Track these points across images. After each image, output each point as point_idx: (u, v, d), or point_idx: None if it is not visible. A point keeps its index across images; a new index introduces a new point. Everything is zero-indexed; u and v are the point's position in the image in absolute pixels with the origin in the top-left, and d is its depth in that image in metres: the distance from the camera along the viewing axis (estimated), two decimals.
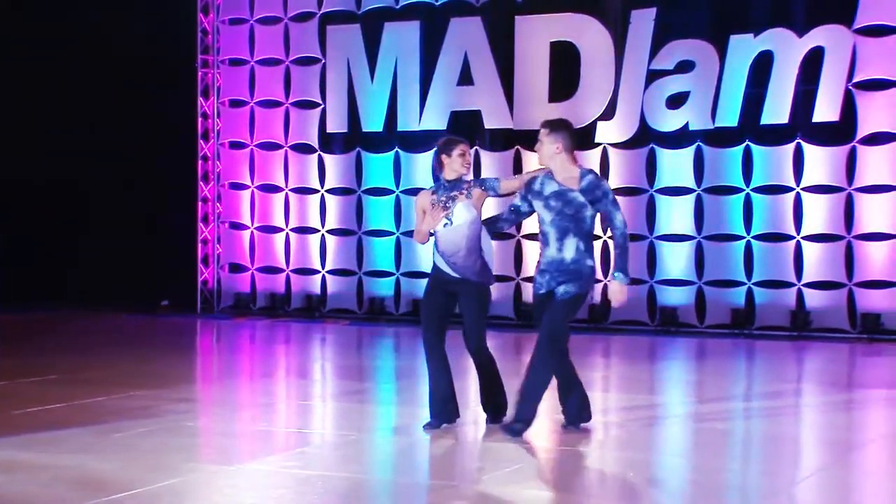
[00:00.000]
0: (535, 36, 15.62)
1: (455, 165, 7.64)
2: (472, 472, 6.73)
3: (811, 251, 14.26)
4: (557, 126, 7.47)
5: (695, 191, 14.83)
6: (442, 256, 7.68)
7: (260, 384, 10.47)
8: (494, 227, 7.82)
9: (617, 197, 7.62)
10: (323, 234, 16.98)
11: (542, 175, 7.47)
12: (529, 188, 7.49)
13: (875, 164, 13.97)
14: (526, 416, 7.35)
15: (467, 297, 7.61)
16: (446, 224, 7.65)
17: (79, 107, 17.83)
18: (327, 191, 16.93)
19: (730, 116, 14.58)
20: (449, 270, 7.63)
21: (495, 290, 15.18)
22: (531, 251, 15.20)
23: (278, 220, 17.24)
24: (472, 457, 7.14)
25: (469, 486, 6.25)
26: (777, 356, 12.75)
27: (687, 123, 14.84)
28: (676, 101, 14.89)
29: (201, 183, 17.62)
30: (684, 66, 14.82)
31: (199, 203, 17.65)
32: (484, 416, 7.83)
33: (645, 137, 15.09)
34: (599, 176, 7.58)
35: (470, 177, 7.83)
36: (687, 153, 14.88)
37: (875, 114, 13.89)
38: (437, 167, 7.75)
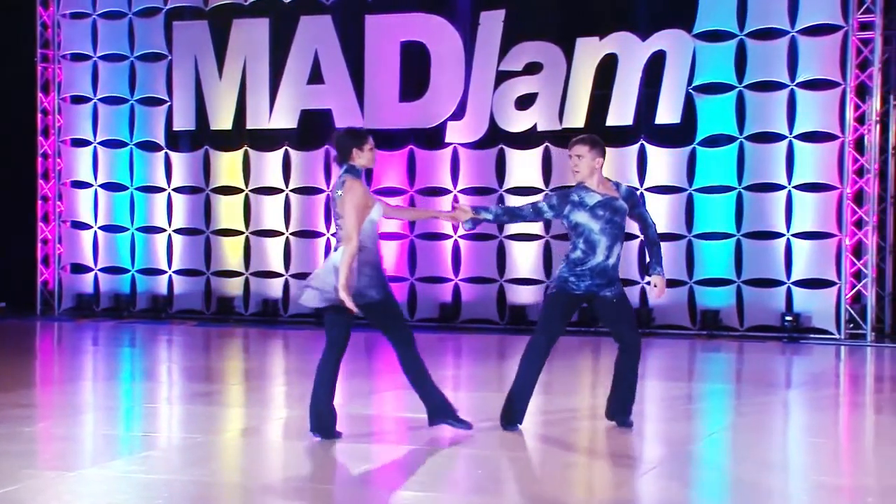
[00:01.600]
0: (386, 36, 15.63)
1: (368, 158, 7.26)
2: (322, 472, 6.67)
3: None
4: (597, 142, 7.79)
5: (543, 191, 15.04)
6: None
7: (103, 387, 10.19)
8: (514, 219, 8.20)
9: (468, 196, 7.74)
10: (170, 234, 16.65)
11: (577, 187, 7.69)
12: (567, 199, 7.64)
13: (713, 165, 14.41)
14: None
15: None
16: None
17: None
18: (174, 189, 16.61)
19: (576, 118, 14.84)
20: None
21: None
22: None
23: (123, 220, 16.83)
24: (322, 457, 7.07)
25: (318, 487, 6.19)
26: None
27: (535, 124, 15.05)
28: (525, 102, 15.09)
29: (41, 181, 17.08)
30: (532, 68, 15.04)
31: (39, 202, 17.11)
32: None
33: (494, 138, 15.26)
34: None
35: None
36: (535, 154, 15.09)
37: (713, 116, 14.33)
38: (347, 155, 7.19)
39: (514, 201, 15.19)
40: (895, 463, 6.74)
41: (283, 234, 16.23)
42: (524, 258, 15.26)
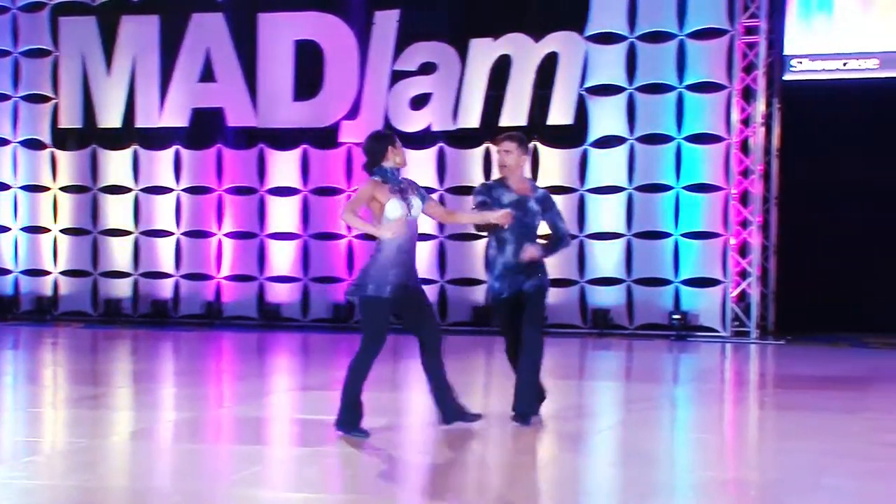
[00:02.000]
0: (279, 34, 15.50)
1: (402, 156, 7.41)
2: (212, 475, 6.58)
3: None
4: (524, 140, 7.82)
5: (437, 190, 15.08)
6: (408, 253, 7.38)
7: None
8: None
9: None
10: (55, 234, 16.27)
11: (492, 183, 7.80)
12: (489, 194, 7.67)
13: (605, 166, 14.60)
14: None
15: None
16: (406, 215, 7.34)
17: None
18: (60, 188, 16.24)
19: (471, 118, 14.91)
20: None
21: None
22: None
23: (6, 219, 16.40)
24: (212, 460, 6.98)
25: (207, 490, 6.10)
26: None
27: (430, 124, 15.08)
28: (419, 102, 15.11)
29: None
30: (427, 68, 15.06)
31: None
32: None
33: None
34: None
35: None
36: (430, 153, 15.12)
37: (605, 118, 14.52)
38: (379, 156, 7.27)
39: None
40: (777, 457, 6.90)
41: (173, 234, 15.98)
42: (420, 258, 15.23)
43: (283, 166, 15.65)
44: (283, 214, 15.68)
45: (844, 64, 13.62)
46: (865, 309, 14.28)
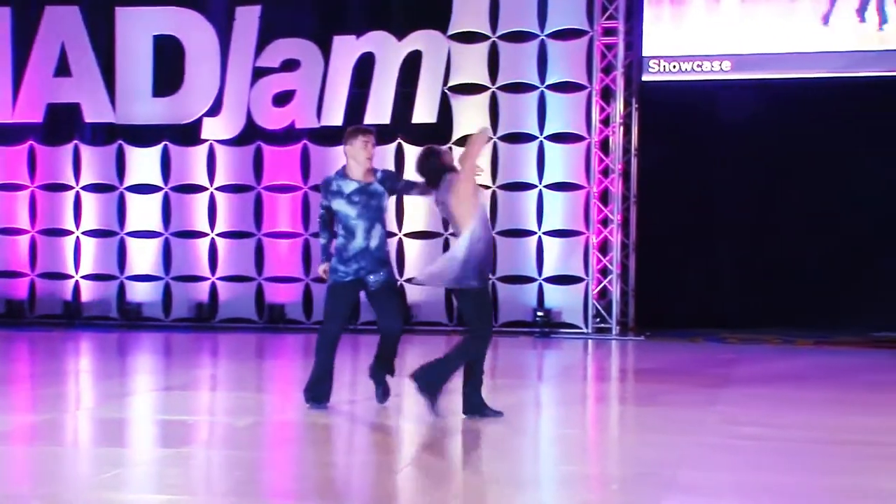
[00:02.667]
0: (138, 29, 15.23)
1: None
2: (72, 479, 6.42)
3: (412, 249, 14.80)
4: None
5: (302, 188, 15.00)
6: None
7: None
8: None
9: (223, 194, 7.70)
10: None
11: (333, 177, 8.18)
12: (328, 190, 8.10)
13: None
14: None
15: None
16: None
17: None
18: None
19: (335, 116, 14.86)
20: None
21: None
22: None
23: None
24: (73, 463, 6.80)
25: (67, 495, 5.95)
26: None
27: (293, 122, 14.99)
28: (283, 99, 15.00)
29: None
30: (290, 65, 14.97)
31: None
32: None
33: (252, 135, 15.10)
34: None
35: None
36: (293, 151, 15.02)
37: (468, 116, 14.63)
38: (440, 171, 8.05)
39: (272, 200, 15.09)
40: (638, 451, 7.07)
41: (28, 232, 15.53)
42: (282, 256, 15.15)
43: (144, 163, 15.36)
44: (144, 212, 15.39)
45: (699, 66, 14.00)
46: (721, 305, 14.72)
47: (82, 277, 15.47)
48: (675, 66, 14.09)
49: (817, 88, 13.81)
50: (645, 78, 14.29)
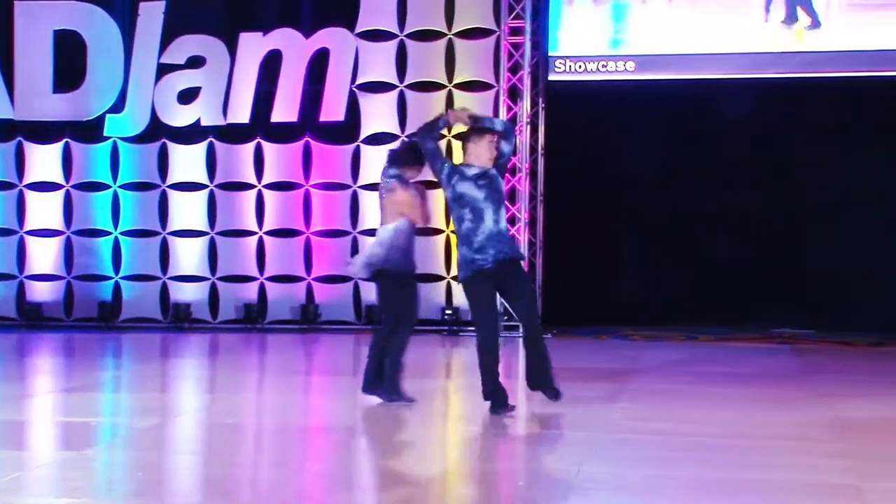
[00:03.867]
0: (37, 23, 14.94)
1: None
2: None
3: (320, 246, 14.75)
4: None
5: (207, 186, 14.85)
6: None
7: None
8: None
9: (128, 192, 7.56)
10: None
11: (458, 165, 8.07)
12: (455, 170, 8.01)
13: (377, 162, 14.66)
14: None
15: None
16: None
17: None
18: None
19: (241, 113, 14.74)
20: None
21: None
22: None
23: None
24: None
25: None
26: (288, 349, 13.07)
27: (199, 119, 14.83)
28: (188, 96, 14.83)
29: None
30: (195, 62, 14.81)
31: None
32: None
33: (157, 132, 14.90)
34: None
35: None
36: (199, 149, 14.86)
37: (376, 115, 14.62)
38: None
39: (178, 198, 14.91)
40: (543, 447, 7.14)
41: None
42: (188, 255, 14.98)
43: (44, 160, 15.07)
44: (45, 210, 15.10)
45: (604, 65, 14.16)
46: (627, 303, 14.91)
47: None
48: (580, 66, 14.22)
49: (719, 88, 14.05)
50: (551, 77, 14.39)
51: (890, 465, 6.66)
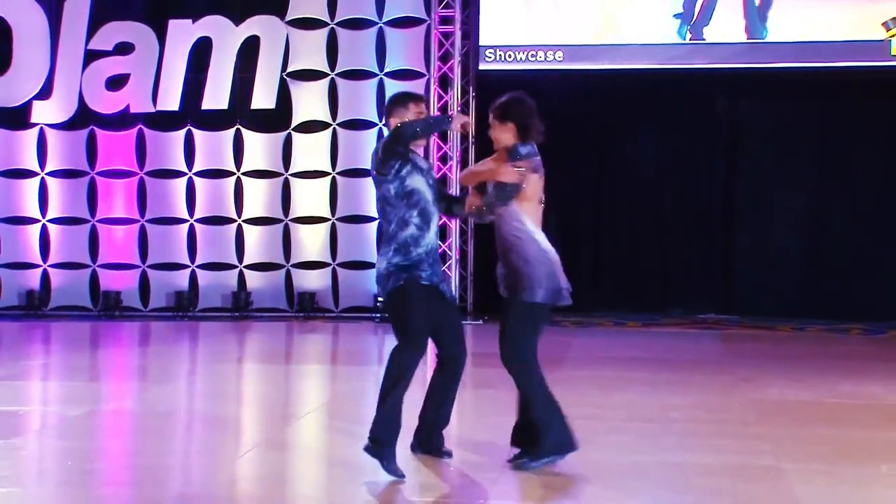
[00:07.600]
0: None
1: None
2: None
3: (252, 234, 14.74)
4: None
5: (137, 174, 14.75)
6: None
7: None
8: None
9: (55, 180, 7.42)
10: None
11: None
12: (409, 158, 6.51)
13: (308, 150, 14.71)
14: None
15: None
16: None
17: None
18: None
19: (171, 100, 14.65)
20: None
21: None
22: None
23: None
24: None
25: None
26: (220, 337, 13.05)
27: (128, 106, 14.71)
28: (117, 83, 14.70)
29: None
30: (124, 49, 14.68)
31: None
32: None
33: (85, 119, 14.75)
34: None
35: None
36: (128, 136, 14.75)
37: (307, 102, 14.61)
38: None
39: (104, 184, 14.80)
40: (472, 433, 7.24)
41: None
42: (117, 243, 14.88)
43: None
44: None
45: (533, 55, 14.28)
46: None
47: None
48: (510, 56, 14.32)
49: (643, 79, 14.22)
50: (482, 67, 14.47)
51: (809, 446, 6.87)
